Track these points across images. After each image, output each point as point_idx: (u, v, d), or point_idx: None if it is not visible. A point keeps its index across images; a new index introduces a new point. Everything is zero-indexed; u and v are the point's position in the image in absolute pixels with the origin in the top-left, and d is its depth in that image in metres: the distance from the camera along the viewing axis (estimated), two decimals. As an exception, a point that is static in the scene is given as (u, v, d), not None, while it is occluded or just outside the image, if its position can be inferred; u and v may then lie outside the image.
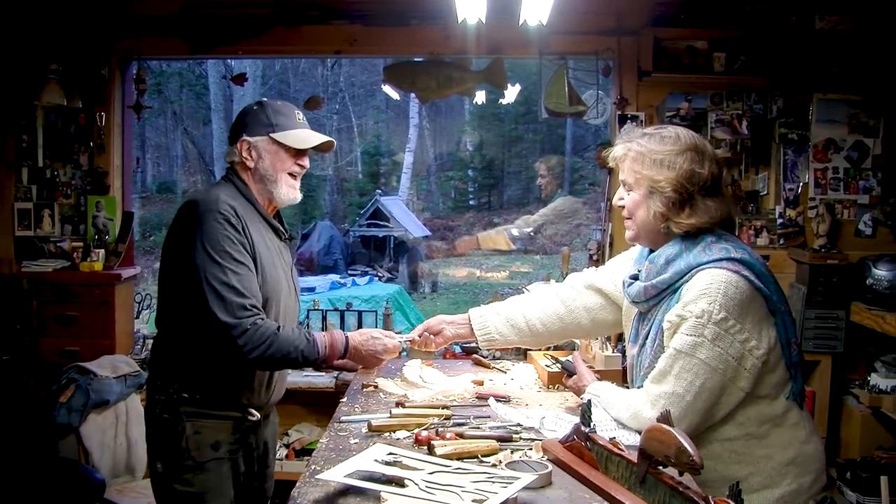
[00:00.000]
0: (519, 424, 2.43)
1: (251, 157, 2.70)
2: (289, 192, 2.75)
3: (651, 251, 2.49)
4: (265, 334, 2.49)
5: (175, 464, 2.59)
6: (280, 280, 2.72)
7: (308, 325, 4.90)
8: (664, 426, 1.75)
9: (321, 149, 2.81)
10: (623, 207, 2.50)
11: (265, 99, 2.85)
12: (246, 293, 2.50)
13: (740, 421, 2.33)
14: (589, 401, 2.25)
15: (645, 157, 2.39)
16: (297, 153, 2.75)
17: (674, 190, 2.34)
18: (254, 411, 2.71)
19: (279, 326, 2.56)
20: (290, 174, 2.75)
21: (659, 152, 2.37)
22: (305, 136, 2.75)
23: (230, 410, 2.66)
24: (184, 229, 2.56)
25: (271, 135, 2.70)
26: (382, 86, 5.28)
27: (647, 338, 2.44)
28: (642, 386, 2.37)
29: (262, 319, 2.52)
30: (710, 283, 2.23)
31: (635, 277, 2.51)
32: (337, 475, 1.92)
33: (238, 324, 2.46)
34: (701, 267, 2.28)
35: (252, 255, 2.58)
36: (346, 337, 2.71)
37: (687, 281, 2.30)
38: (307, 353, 2.58)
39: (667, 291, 2.37)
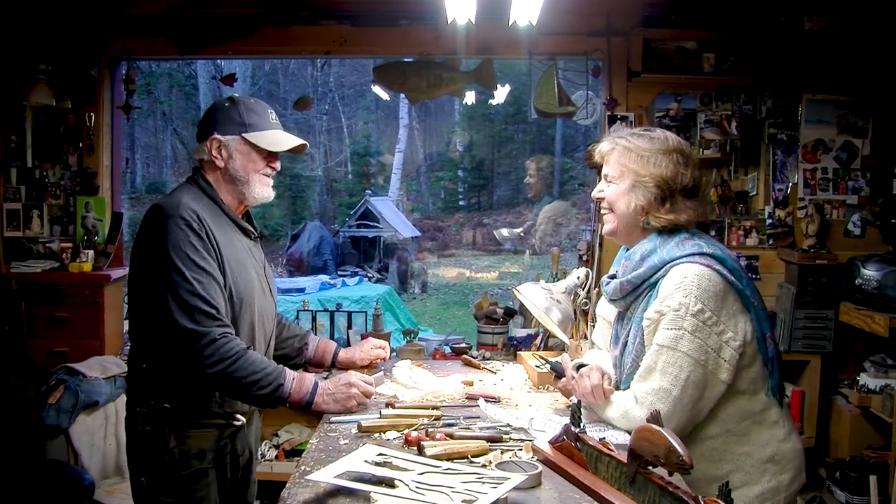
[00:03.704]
0: (509, 425, 2.43)
1: (221, 156, 2.60)
2: (262, 190, 2.67)
3: (628, 251, 2.54)
4: (232, 349, 2.40)
5: (160, 476, 2.51)
6: (252, 281, 2.64)
7: (297, 324, 4.86)
8: (653, 426, 1.76)
9: (294, 151, 2.72)
10: (602, 199, 2.55)
11: (237, 95, 2.74)
12: (212, 301, 2.42)
13: (721, 418, 2.36)
14: (579, 401, 2.26)
15: (632, 152, 2.46)
16: (270, 155, 2.66)
17: (656, 186, 2.41)
18: (239, 416, 2.64)
19: (249, 347, 2.48)
20: (262, 174, 2.66)
21: (646, 150, 2.44)
22: (279, 139, 2.66)
23: (213, 418, 2.58)
24: (148, 236, 2.47)
25: (244, 135, 2.60)
26: (372, 86, 5.27)
27: (627, 337, 2.47)
28: (629, 387, 2.39)
29: (232, 333, 2.45)
30: (684, 277, 2.29)
31: (613, 277, 2.55)
32: (327, 476, 1.91)
33: (207, 332, 2.38)
34: (675, 262, 2.34)
35: (218, 260, 2.49)
36: (316, 382, 2.59)
37: (662, 276, 2.35)
38: (273, 377, 2.47)
39: (643, 287, 2.42)
